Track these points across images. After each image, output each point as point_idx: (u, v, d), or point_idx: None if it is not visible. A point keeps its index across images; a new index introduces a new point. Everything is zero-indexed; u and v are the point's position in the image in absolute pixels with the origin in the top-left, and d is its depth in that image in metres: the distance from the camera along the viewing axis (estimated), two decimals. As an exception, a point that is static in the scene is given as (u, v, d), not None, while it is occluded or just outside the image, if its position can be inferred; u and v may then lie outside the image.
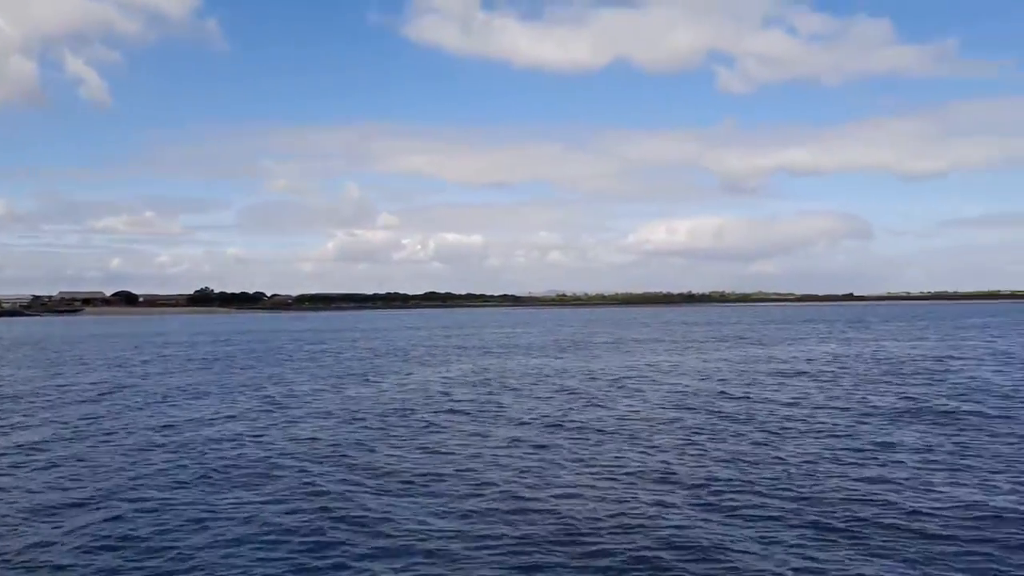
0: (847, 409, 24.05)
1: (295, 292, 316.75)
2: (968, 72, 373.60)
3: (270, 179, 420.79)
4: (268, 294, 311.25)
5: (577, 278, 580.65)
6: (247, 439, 20.39)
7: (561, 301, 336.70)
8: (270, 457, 17.97)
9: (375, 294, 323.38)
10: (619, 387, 31.27)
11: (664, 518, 12.67)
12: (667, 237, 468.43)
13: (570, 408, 25.32)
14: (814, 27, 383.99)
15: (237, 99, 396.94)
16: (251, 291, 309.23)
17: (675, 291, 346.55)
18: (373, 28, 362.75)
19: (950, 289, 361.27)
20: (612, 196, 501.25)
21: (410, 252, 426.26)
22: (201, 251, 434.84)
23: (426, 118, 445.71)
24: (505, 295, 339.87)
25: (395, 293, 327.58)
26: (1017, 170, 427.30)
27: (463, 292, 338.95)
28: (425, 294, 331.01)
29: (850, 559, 10.71)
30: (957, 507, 13.01)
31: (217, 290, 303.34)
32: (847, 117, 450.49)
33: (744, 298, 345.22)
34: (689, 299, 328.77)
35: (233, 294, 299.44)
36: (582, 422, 22.43)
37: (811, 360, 43.10)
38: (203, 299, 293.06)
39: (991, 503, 13.19)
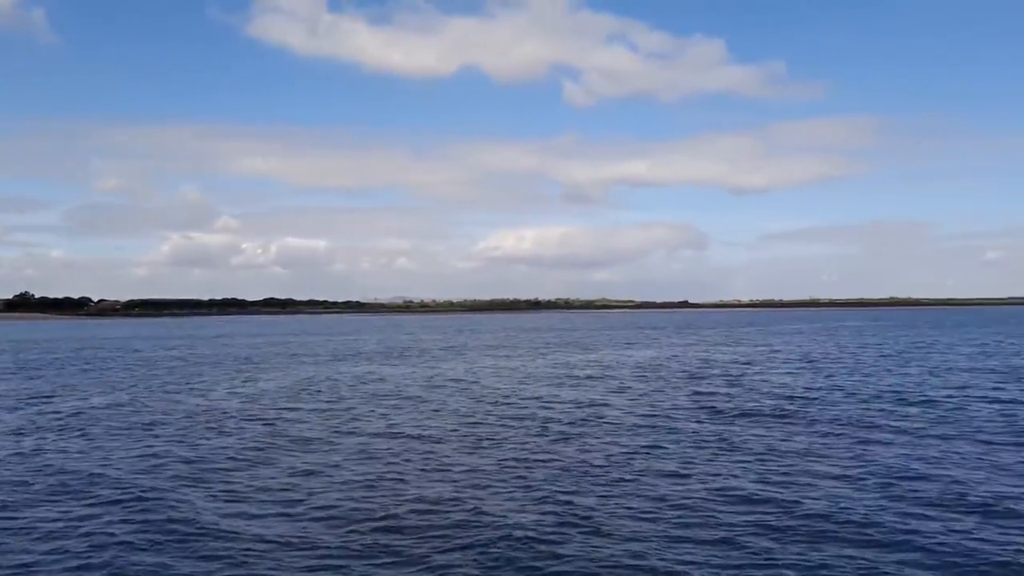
0: (635, 410, 24.53)
1: (125, 297, 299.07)
2: (794, 94, 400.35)
3: (100, 179, 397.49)
4: (95, 299, 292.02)
5: (425, 285, 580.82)
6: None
7: (407, 308, 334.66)
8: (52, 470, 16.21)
9: (211, 300, 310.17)
10: (411, 395, 30.72)
11: (439, 513, 12.16)
12: (514, 245, 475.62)
13: (359, 414, 24.56)
14: (653, 45, 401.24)
15: (64, 95, 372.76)
16: (76, 296, 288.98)
17: (522, 298, 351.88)
18: (214, 26, 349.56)
19: (775, 298, 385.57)
20: (461, 203, 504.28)
21: (250, 257, 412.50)
22: (20, 254, 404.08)
23: (270, 119, 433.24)
24: (349, 301, 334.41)
25: (232, 299, 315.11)
26: (832, 187, 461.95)
27: (305, 298, 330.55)
28: (264, 300, 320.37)
29: (596, 545, 10.59)
30: (708, 491, 13.48)
31: (39, 295, 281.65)
32: (683, 132, 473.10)
33: (588, 305, 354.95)
34: (535, 306, 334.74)
35: (55, 299, 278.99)
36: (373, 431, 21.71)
37: (624, 364, 44.18)
38: (22, 304, 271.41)
39: (741, 489, 13.73)
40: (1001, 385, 30.24)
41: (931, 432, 19.73)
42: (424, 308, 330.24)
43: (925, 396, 26.91)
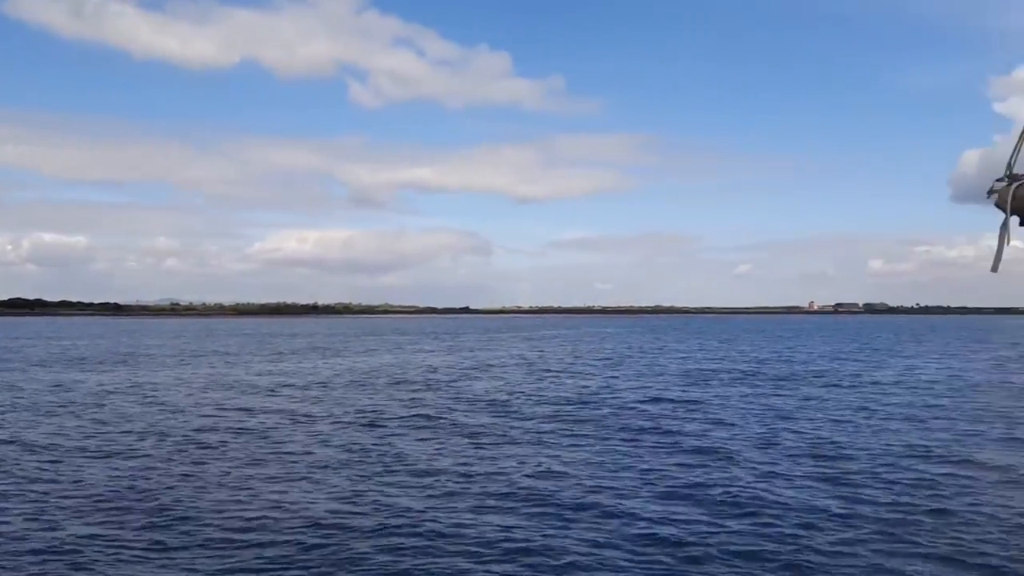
0: (329, 416, 23.42)
1: None
2: (573, 109, 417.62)
3: None
4: None
5: (196, 287, 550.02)
6: None
7: (173, 311, 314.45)
8: None
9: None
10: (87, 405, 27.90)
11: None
12: (295, 247, 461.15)
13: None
14: (441, 52, 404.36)
15: None
16: None
17: (301, 302, 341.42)
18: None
19: (555, 304, 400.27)
20: (239, 202, 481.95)
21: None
22: None
23: (26, 105, 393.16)
24: (106, 303, 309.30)
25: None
26: (609, 199, 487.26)
27: (58, 299, 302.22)
28: (9, 300, 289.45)
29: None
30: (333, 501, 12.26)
31: None
32: (469, 140, 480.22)
33: (368, 310, 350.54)
34: (313, 310, 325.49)
35: None
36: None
37: (353, 369, 42.99)
38: None
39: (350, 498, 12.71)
40: (673, 387, 32.04)
41: (572, 430, 20.11)
42: (191, 311, 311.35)
43: (596, 399, 27.85)
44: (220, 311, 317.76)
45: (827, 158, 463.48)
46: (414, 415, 24.01)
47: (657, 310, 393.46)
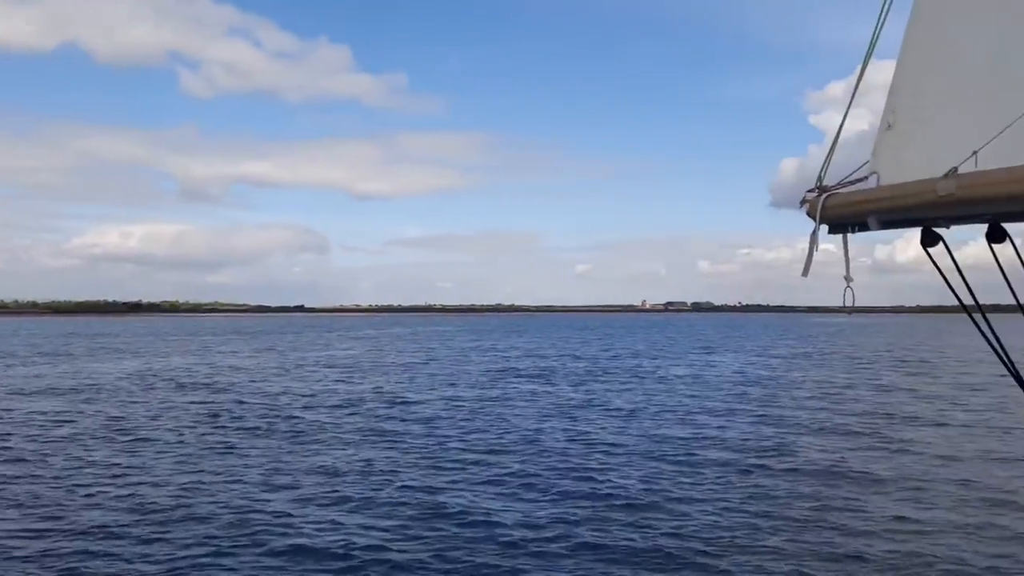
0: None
1: None
2: (415, 106, 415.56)
3: None
4: None
5: (6, 284, 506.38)
6: None
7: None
8: None
9: None
10: None
11: None
12: (120, 242, 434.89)
13: None
14: (279, 44, 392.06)
15: None
16: None
17: (123, 300, 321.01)
18: None
19: (394, 303, 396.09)
20: (57, 194, 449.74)
21: None
22: None
23: None
24: None
25: None
26: (451, 197, 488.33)
27: None
28: None
29: None
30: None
31: None
32: (308, 135, 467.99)
33: (196, 308, 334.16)
34: (135, 308, 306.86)
35: None
36: None
37: (139, 372, 39.85)
38: None
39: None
40: (459, 386, 31.44)
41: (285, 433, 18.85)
42: (4, 309, 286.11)
43: (373, 400, 26.80)
44: (33, 309, 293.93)
45: (660, 162, 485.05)
46: (155, 424, 22.05)
47: (498, 309, 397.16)
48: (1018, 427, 21.25)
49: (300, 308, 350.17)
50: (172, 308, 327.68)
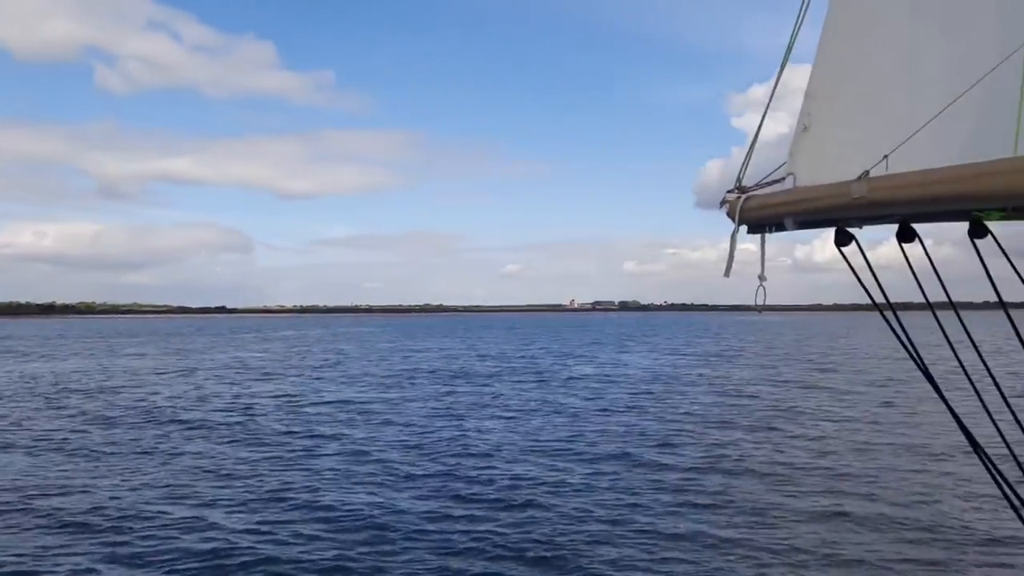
0: None
1: None
2: (342, 104, 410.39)
3: None
4: None
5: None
6: None
7: None
8: None
9: None
10: None
11: None
12: (32, 241, 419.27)
13: None
14: (200, 38, 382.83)
15: None
16: None
17: (36, 301, 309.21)
18: None
19: (319, 303, 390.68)
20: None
21: None
22: None
23: None
24: None
25: None
26: (378, 196, 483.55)
27: None
28: None
29: None
30: None
31: None
32: (231, 132, 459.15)
33: (114, 309, 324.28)
34: (48, 310, 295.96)
35: None
36: None
37: (30, 376, 38.19)
38: None
39: None
40: (355, 389, 31.03)
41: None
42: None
43: (266, 403, 26.18)
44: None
45: (590, 163, 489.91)
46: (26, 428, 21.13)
47: (425, 309, 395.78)
48: (888, 420, 21.88)
49: (222, 309, 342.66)
50: (88, 309, 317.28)
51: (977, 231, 3.29)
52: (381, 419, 23.21)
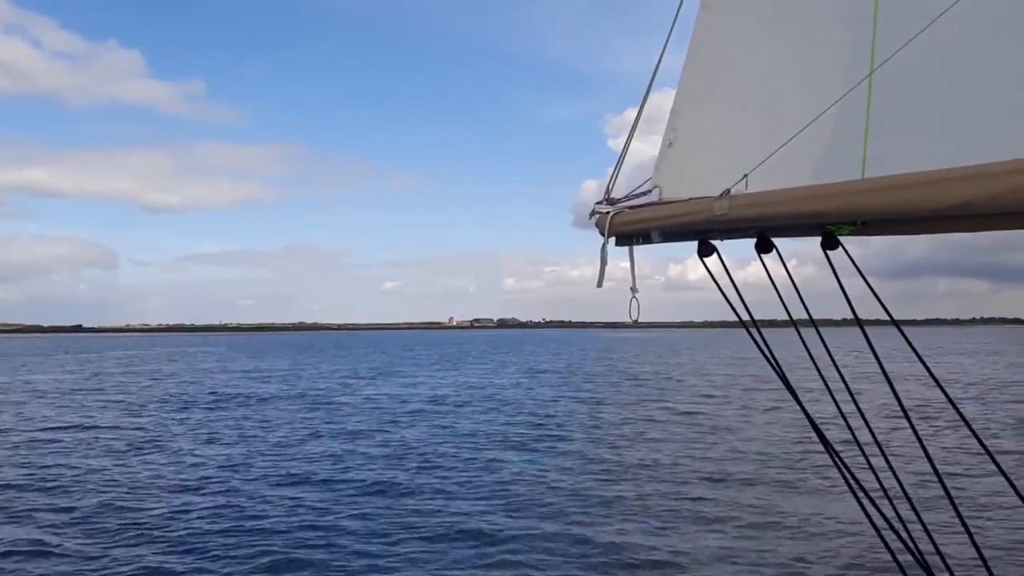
0: None
1: None
2: (214, 115, 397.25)
3: None
4: None
5: None
6: None
7: None
8: None
9: None
10: None
11: None
12: None
13: None
14: (61, 45, 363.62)
15: None
16: None
17: None
18: None
19: (187, 322, 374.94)
20: None
21: None
22: None
23: None
24: None
25: None
26: (248, 212, 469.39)
27: None
28: None
29: None
30: None
31: None
32: (94, 142, 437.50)
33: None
34: None
35: None
36: None
37: None
38: None
39: None
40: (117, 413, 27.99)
41: None
42: None
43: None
44: None
45: (469, 180, 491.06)
46: None
47: (299, 327, 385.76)
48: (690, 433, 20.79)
49: (78, 328, 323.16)
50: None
51: (829, 243, 3.41)
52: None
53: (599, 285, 4.00)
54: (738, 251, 3.77)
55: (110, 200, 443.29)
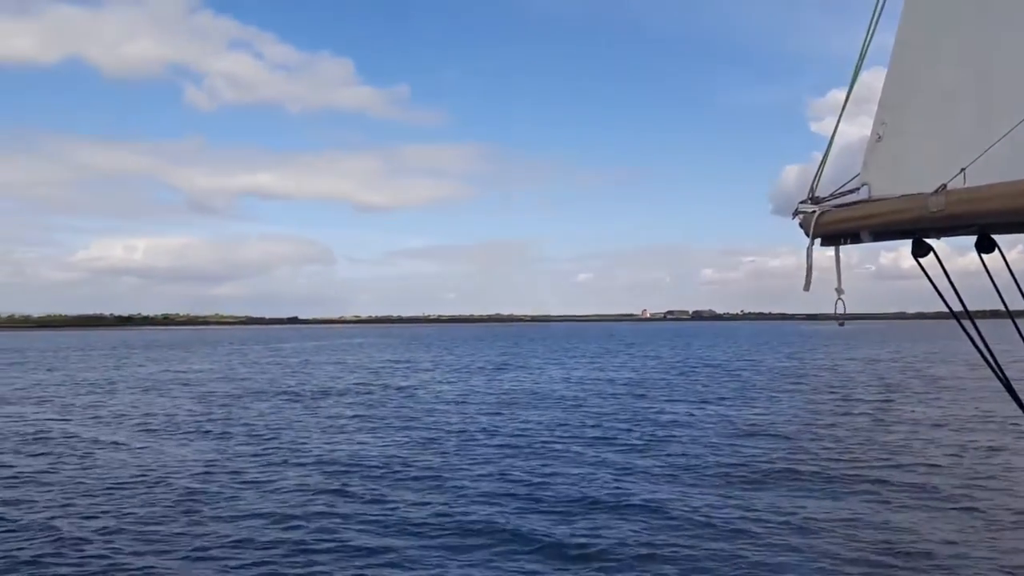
0: None
1: None
2: (417, 118, 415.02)
3: None
4: None
5: (7, 297, 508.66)
6: None
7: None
8: None
9: None
10: None
11: None
12: (123, 255, 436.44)
13: None
14: (280, 56, 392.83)
15: None
16: None
17: (124, 313, 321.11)
18: None
19: (393, 314, 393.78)
20: (59, 207, 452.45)
21: None
22: None
23: None
24: None
25: None
26: (449, 209, 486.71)
27: None
28: None
29: None
30: None
31: None
32: (311, 146, 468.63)
33: (191, 321, 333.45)
34: (126, 322, 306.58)
35: None
36: None
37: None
38: None
39: None
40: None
41: None
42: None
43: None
44: (24, 323, 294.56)
45: (662, 171, 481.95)
46: None
47: (495, 319, 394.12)
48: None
49: (293, 320, 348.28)
50: (166, 320, 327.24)
51: None
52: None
53: (806, 288, 3.88)
54: (950, 239, 3.61)
55: (326, 200, 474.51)
